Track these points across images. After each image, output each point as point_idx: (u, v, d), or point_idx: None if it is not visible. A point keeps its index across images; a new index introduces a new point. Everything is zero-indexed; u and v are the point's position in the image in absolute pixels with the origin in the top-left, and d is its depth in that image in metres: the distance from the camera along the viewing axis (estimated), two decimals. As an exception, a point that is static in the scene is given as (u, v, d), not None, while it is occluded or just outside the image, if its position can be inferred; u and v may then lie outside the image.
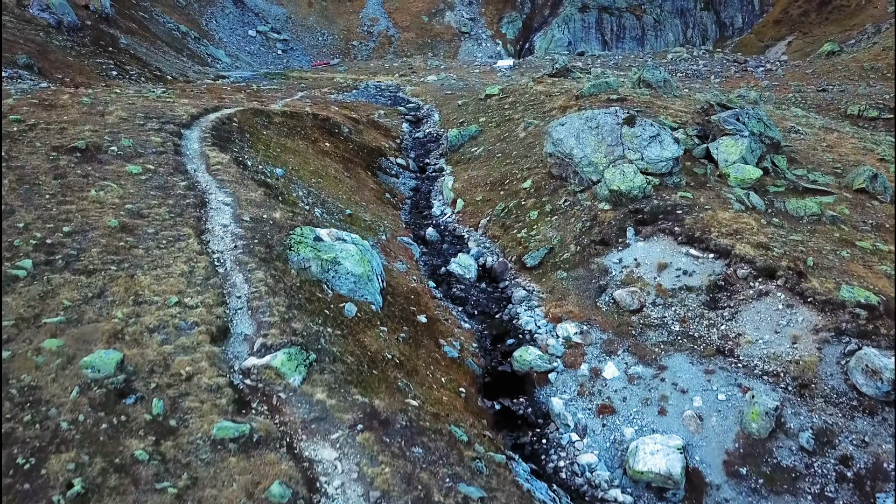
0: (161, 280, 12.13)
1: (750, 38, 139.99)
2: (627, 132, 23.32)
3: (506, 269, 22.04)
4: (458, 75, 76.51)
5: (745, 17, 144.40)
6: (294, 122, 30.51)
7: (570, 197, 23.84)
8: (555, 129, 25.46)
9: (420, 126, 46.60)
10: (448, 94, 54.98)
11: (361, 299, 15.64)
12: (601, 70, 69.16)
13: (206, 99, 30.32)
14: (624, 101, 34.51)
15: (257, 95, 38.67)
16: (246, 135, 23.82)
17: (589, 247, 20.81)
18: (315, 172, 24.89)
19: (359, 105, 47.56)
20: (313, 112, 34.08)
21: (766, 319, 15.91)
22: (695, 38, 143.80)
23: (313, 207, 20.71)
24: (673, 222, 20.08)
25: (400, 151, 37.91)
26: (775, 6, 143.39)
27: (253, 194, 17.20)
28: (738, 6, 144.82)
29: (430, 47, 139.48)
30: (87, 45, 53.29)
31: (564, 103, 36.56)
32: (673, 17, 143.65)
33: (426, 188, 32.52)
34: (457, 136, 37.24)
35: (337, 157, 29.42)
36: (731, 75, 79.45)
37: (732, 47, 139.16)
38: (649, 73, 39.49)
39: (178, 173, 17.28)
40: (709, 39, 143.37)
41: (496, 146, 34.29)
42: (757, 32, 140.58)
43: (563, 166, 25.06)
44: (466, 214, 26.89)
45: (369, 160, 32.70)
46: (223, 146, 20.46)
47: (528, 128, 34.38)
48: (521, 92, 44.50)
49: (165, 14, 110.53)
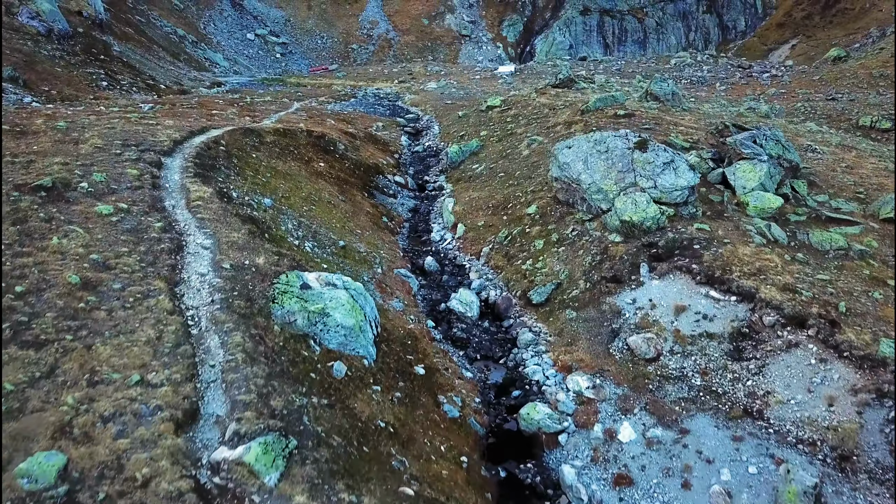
0: (123, 350, 10.69)
1: (753, 42, 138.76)
2: (639, 158, 21.88)
3: (510, 306, 20.60)
4: (458, 82, 75.13)
5: (748, 20, 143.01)
6: (287, 141, 29.08)
7: (577, 226, 22.39)
8: (561, 152, 24.03)
9: (419, 138, 45.20)
10: (448, 104, 53.58)
11: (352, 353, 14.21)
12: (604, 78, 67.79)
13: (194, 117, 28.89)
14: (632, 116, 33.10)
15: (250, 109, 37.24)
16: (233, 160, 22.38)
17: (599, 283, 19.36)
18: (307, 198, 23.46)
19: (356, 117, 46.15)
20: (307, 128, 32.65)
21: (798, 376, 14.47)
22: (697, 42, 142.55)
23: (303, 241, 19.28)
24: (690, 259, 18.64)
25: (398, 168, 36.48)
26: (778, 9, 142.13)
27: (236, 234, 15.76)
28: (741, 9, 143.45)
29: (430, 50, 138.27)
30: (78, 54, 51.85)
31: (569, 118, 35.12)
32: (675, 20, 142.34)
33: (425, 208, 31.09)
34: (457, 153, 35.81)
35: (331, 179, 27.99)
36: (737, 82, 78.08)
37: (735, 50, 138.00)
38: (657, 85, 38.06)
39: (153, 212, 15.84)
40: (711, 43, 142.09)
41: (498, 164, 32.86)
42: (760, 36, 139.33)
43: (571, 192, 23.63)
44: (467, 241, 25.45)
45: (366, 179, 31.27)
46: (206, 176, 19.01)
47: (532, 145, 32.95)
48: (523, 104, 43.07)
49: (163, 17, 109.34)
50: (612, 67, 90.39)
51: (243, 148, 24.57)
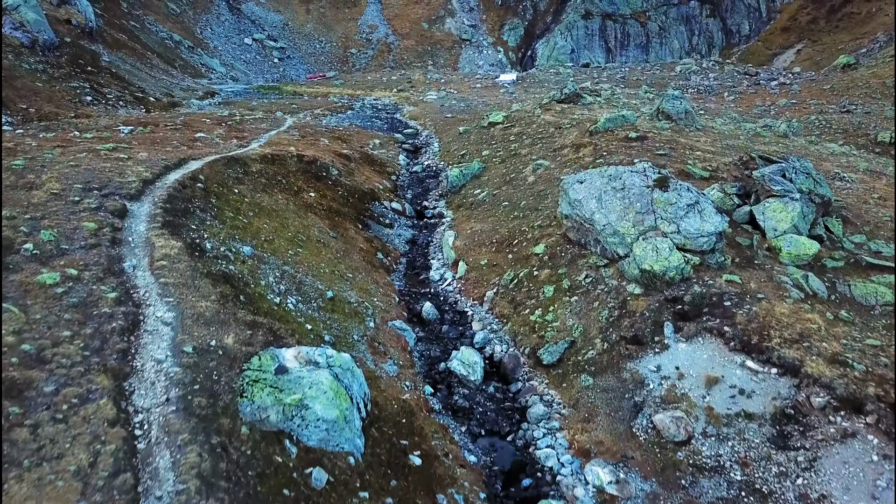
0: (43, 489, 8.58)
1: (757, 46, 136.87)
2: (660, 198, 19.77)
3: (518, 366, 18.48)
4: (458, 91, 73.11)
5: (752, 25, 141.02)
6: (275, 170, 26.98)
7: (591, 272, 20.27)
8: (572, 188, 21.92)
9: (418, 157, 43.12)
10: (448, 118, 51.52)
11: (336, 450, 12.11)
12: (609, 88, 65.67)
13: (174, 143, 26.80)
14: (644, 139, 31.03)
15: (239, 129, 35.13)
16: (211, 199, 20.26)
17: (619, 345, 17.25)
18: (293, 239, 21.35)
19: (352, 133, 44.05)
20: (298, 152, 30.53)
21: (858, 476, 12.36)
22: (700, 46, 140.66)
23: (286, 297, 17.16)
24: (721, 318, 16.52)
25: (395, 192, 34.38)
26: (783, 13, 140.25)
27: (204, 303, 13.64)
28: (745, 13, 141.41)
29: (430, 55, 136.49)
30: (63, 67, 49.78)
31: (577, 140, 33.03)
32: (678, 24, 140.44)
33: (424, 239, 28.99)
34: (458, 177, 33.70)
35: (322, 211, 25.88)
36: (745, 91, 76.03)
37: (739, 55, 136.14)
38: (669, 103, 35.98)
39: (109, 277, 13.73)
40: (715, 47, 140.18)
41: (502, 190, 30.75)
42: (764, 40, 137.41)
43: (583, 232, 21.53)
44: (469, 283, 23.33)
45: (360, 208, 29.17)
46: (177, 225, 16.89)
47: (538, 170, 30.84)
48: (527, 121, 40.99)
49: (158, 23, 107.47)
50: (615, 75, 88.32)
51: (224, 182, 22.45)
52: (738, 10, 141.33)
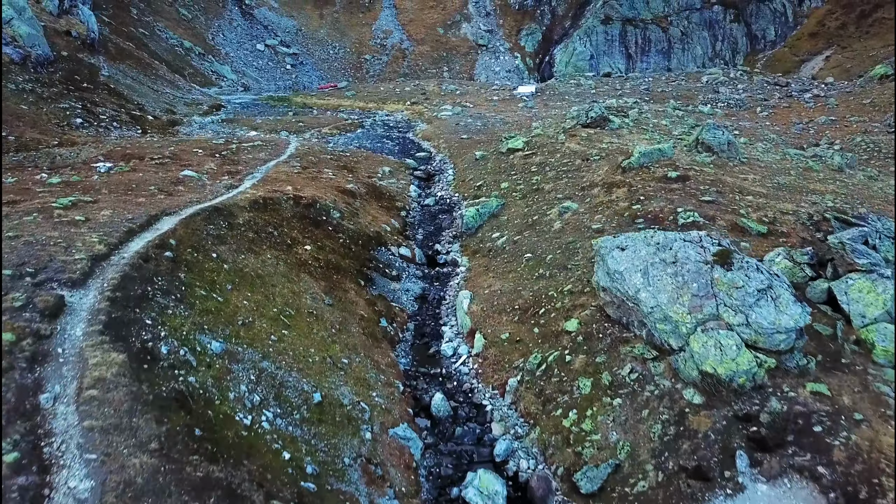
0: None
1: (784, 53, 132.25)
2: (722, 278, 16.13)
3: (549, 492, 14.91)
4: (474, 104, 69.59)
5: (778, 30, 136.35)
6: (266, 219, 23.64)
7: (637, 365, 16.67)
8: (610, 255, 18.35)
9: (431, 185, 39.69)
10: (464, 139, 48.02)
11: None
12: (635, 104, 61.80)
13: (151, 189, 23.54)
14: (686, 179, 27.39)
15: (233, 161, 31.86)
16: (180, 273, 16.91)
17: (677, 477, 13.65)
18: (279, 317, 17.97)
19: (360, 159, 40.67)
20: (295, 193, 27.19)
21: None
22: (724, 52, 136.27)
23: (260, 412, 13.75)
24: (813, 453, 12.89)
25: (404, 233, 30.93)
26: (810, 18, 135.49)
27: (138, 460, 10.25)
28: (771, 18, 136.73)
29: (445, 61, 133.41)
30: (56, 84, 46.89)
31: (608, 177, 29.40)
32: (701, 29, 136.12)
33: (436, 294, 25.50)
34: (474, 217, 30.20)
35: (318, 269, 22.48)
36: (777, 104, 71.82)
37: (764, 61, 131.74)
38: (709, 134, 32.24)
39: (17, 420, 10.40)
40: (739, 53, 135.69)
41: (524, 236, 27.20)
42: (791, 46, 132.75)
43: (625, 310, 17.96)
44: (488, 363, 19.79)
45: (364, 258, 25.76)
46: (126, 323, 13.52)
47: (565, 214, 27.26)
48: (550, 149, 37.42)
49: (169, 29, 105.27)
50: (639, 86, 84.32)
51: (201, 245, 19.11)
52: (764, 14, 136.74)
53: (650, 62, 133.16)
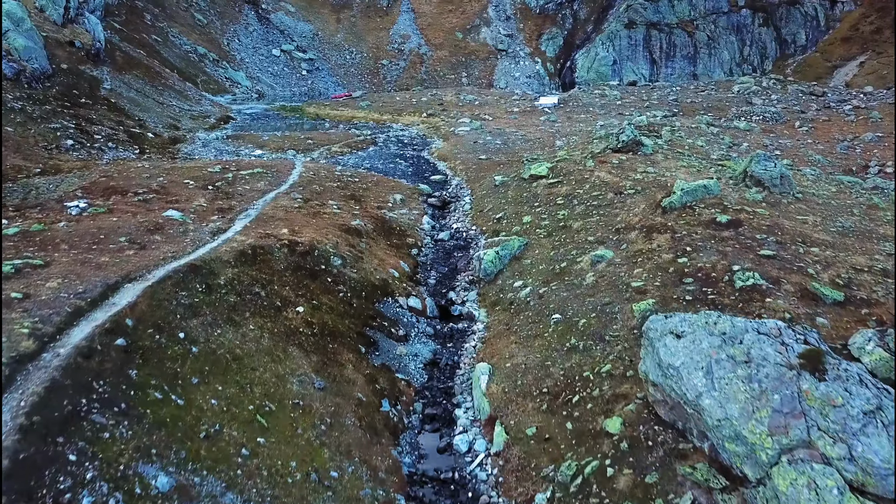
0: None
1: (815, 58, 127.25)
2: (813, 391, 12.56)
3: None
4: (493, 117, 66.15)
5: (809, 34, 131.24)
6: (253, 275, 20.42)
7: (701, 495, 13.13)
8: (662, 342, 14.85)
9: (446, 215, 36.36)
10: (482, 161, 44.61)
11: None
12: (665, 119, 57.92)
13: (122, 241, 20.41)
14: (739, 224, 23.80)
15: (227, 195, 28.74)
16: (131, 369, 13.68)
17: None
18: (252, 420, 14.68)
19: (369, 186, 37.42)
20: (291, 238, 23.98)
21: None
22: (752, 57, 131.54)
23: (214, 582, 10.45)
24: None
25: (415, 277, 27.60)
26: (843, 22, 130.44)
27: None
28: (801, 22, 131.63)
29: (464, 66, 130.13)
30: (50, 101, 44.21)
31: (646, 218, 25.86)
32: (728, 33, 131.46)
33: (449, 359, 22.11)
34: (493, 262, 26.77)
35: (311, 338, 19.20)
36: (816, 117, 67.49)
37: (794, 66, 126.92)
38: (760, 165, 28.55)
39: None
40: (768, 58, 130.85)
41: (550, 289, 23.71)
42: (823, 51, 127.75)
43: (680, 412, 14.45)
44: (510, 468, 16.33)
45: (367, 315, 22.47)
46: (35, 474, 10.29)
47: (598, 264, 23.73)
48: (577, 176, 33.90)
49: (183, 35, 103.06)
50: (667, 96, 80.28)
51: (167, 321, 15.89)
52: (794, 18, 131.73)
53: (675, 68, 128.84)
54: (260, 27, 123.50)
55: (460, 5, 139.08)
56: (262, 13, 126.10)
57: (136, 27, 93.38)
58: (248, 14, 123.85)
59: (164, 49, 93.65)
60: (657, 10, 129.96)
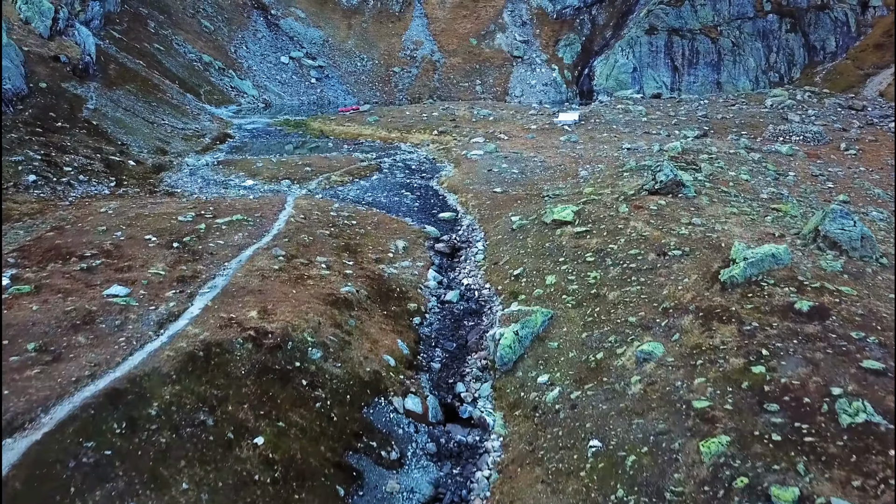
0: None
1: (846, 66, 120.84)
2: None
3: None
4: (508, 136, 61.13)
5: (839, 41, 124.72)
6: (201, 391, 15.63)
7: None
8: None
9: (455, 266, 31.45)
10: (497, 194, 39.70)
11: None
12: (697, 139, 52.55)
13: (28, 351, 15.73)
14: (824, 315, 18.73)
15: (194, 256, 24.01)
16: None
17: None
18: None
19: (368, 229, 32.60)
20: (260, 324, 19.17)
21: None
22: (779, 65, 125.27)
23: None
24: None
25: (414, 363, 22.68)
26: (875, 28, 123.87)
27: None
28: (831, 28, 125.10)
29: (478, 74, 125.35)
30: (18, 128, 39.81)
31: (700, 296, 20.80)
32: (754, 39, 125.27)
33: (455, 493, 17.19)
34: (511, 346, 21.80)
35: (270, 489, 14.33)
36: (861, 137, 61.98)
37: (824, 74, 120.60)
38: (836, 224, 23.48)
39: None
40: (796, 66, 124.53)
41: (585, 395, 18.71)
42: (854, 58, 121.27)
43: None
44: None
45: (349, 433, 17.59)
46: None
47: (645, 366, 18.69)
48: (609, 225, 28.90)
49: (188, 42, 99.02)
50: (695, 112, 74.91)
51: (52, 501, 11.09)
52: (823, 24, 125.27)
53: (698, 76, 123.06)
54: (269, 34, 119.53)
55: (475, 10, 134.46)
56: (271, 19, 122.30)
57: (137, 35, 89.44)
58: (256, 20, 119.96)
59: (166, 58, 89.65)
60: (679, 15, 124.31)
